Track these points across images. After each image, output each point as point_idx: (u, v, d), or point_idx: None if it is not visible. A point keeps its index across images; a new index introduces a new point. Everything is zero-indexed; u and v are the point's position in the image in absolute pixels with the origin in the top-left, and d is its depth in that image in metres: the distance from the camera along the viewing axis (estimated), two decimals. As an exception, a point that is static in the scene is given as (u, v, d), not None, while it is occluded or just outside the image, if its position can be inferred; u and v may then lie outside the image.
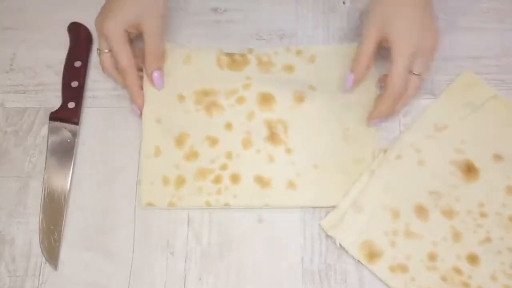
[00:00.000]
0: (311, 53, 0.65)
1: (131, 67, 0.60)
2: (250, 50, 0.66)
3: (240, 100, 0.63)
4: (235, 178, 0.60)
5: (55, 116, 0.63)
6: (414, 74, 0.58)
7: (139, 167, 0.61)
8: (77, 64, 0.65)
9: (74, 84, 0.64)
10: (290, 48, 0.66)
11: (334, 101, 0.62)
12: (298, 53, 0.65)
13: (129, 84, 0.61)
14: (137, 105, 0.62)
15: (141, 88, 0.62)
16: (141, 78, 0.63)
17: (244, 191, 0.59)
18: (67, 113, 0.63)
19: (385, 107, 0.59)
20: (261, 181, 0.60)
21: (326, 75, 0.64)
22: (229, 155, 0.61)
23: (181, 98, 0.63)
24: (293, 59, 0.65)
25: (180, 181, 0.60)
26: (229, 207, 0.59)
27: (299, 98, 0.63)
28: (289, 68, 0.65)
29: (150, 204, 0.59)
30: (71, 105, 0.63)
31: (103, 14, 0.61)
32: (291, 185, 0.59)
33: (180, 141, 0.61)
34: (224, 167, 0.60)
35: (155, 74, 0.62)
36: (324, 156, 0.60)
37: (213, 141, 0.61)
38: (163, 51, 0.63)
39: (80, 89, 0.65)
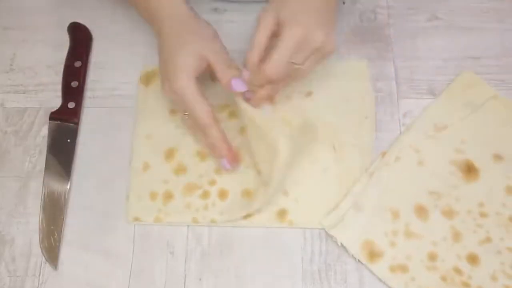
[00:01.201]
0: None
1: (211, 122, 0.56)
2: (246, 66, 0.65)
3: (232, 115, 0.63)
4: (222, 194, 0.59)
5: (55, 116, 0.63)
6: (292, 63, 0.54)
7: (128, 182, 0.61)
8: (77, 64, 0.65)
9: (74, 84, 0.64)
10: None
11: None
12: None
13: (213, 141, 0.57)
14: (227, 159, 0.58)
15: (226, 141, 0.58)
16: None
17: (231, 207, 0.59)
18: (67, 113, 0.63)
19: (257, 83, 0.56)
20: (249, 196, 0.59)
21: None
22: (218, 171, 0.60)
23: (173, 112, 0.63)
24: None
25: (168, 196, 0.59)
26: (216, 224, 0.59)
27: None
28: None
29: (137, 219, 0.59)
30: (71, 105, 0.63)
31: (167, 78, 0.56)
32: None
33: (169, 155, 0.61)
34: (212, 182, 0.60)
35: (233, 81, 0.56)
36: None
37: (203, 156, 0.61)
38: (233, 63, 0.58)
39: (80, 89, 0.65)
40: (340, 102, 0.63)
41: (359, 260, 0.56)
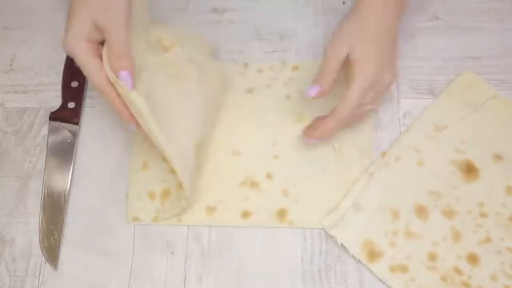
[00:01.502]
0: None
1: (105, 84, 0.53)
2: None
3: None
4: None
5: (55, 116, 0.63)
6: (363, 103, 0.57)
7: (127, 182, 0.60)
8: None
9: (74, 84, 0.64)
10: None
11: None
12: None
13: (111, 101, 0.54)
14: (126, 119, 0.54)
15: (124, 104, 0.54)
16: None
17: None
18: (67, 113, 0.63)
19: (329, 130, 0.57)
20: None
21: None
22: None
23: None
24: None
25: (166, 195, 0.60)
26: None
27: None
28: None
29: (136, 219, 0.59)
30: (71, 105, 0.63)
31: (65, 32, 0.54)
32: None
33: None
34: None
35: (122, 74, 0.52)
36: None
37: None
38: (129, 48, 0.53)
39: (80, 89, 0.65)
40: None
41: (359, 260, 0.56)
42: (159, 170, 0.61)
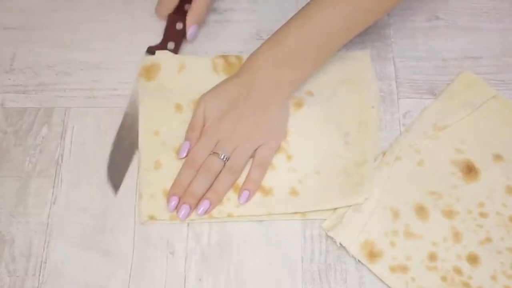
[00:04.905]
0: None
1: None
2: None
3: None
4: (237, 188, 0.59)
5: (152, 51, 0.65)
6: (218, 157, 0.58)
7: (139, 181, 0.60)
8: (186, 7, 0.66)
9: (179, 26, 0.66)
10: None
11: (332, 106, 0.62)
12: None
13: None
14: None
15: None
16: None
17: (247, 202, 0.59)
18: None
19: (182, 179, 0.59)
20: (263, 190, 0.59)
21: (324, 81, 0.64)
22: None
23: (179, 108, 0.62)
24: None
25: None
26: (232, 218, 0.58)
27: (298, 104, 0.62)
28: None
29: (152, 218, 0.58)
30: (171, 45, 0.66)
31: None
32: (294, 192, 0.59)
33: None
34: None
35: (192, 28, 0.65)
36: (325, 162, 0.60)
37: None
38: (206, 13, 0.66)
39: (183, 33, 0.66)
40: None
41: (359, 260, 0.56)
42: (172, 167, 0.59)
